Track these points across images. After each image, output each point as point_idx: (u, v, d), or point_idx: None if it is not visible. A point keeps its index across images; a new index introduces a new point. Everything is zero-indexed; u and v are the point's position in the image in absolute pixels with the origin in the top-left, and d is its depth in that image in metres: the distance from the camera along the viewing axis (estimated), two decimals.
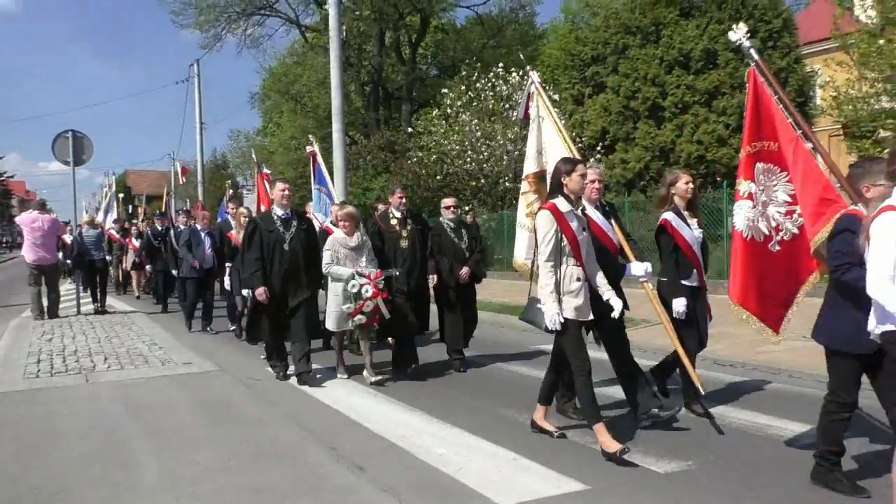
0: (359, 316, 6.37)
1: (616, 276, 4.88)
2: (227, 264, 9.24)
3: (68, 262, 13.29)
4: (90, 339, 9.31)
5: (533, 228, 5.06)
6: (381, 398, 6.05)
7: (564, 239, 4.36)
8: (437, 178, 21.12)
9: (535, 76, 6.33)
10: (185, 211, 13.33)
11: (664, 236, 5.20)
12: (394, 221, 7.19)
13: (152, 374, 7.13)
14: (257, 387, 6.60)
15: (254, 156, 12.50)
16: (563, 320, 4.31)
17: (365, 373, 6.64)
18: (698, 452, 4.35)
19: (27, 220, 11.31)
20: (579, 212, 4.54)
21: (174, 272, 11.62)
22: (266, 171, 11.53)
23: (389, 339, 7.65)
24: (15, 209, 67.85)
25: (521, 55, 11.13)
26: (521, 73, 20.87)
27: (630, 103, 20.07)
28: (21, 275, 14.13)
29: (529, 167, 6.18)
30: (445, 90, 22.16)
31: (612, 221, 5.25)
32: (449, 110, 21.62)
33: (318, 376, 6.83)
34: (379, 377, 6.57)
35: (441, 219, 7.43)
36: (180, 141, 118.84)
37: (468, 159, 20.61)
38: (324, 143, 28.15)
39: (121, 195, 20.93)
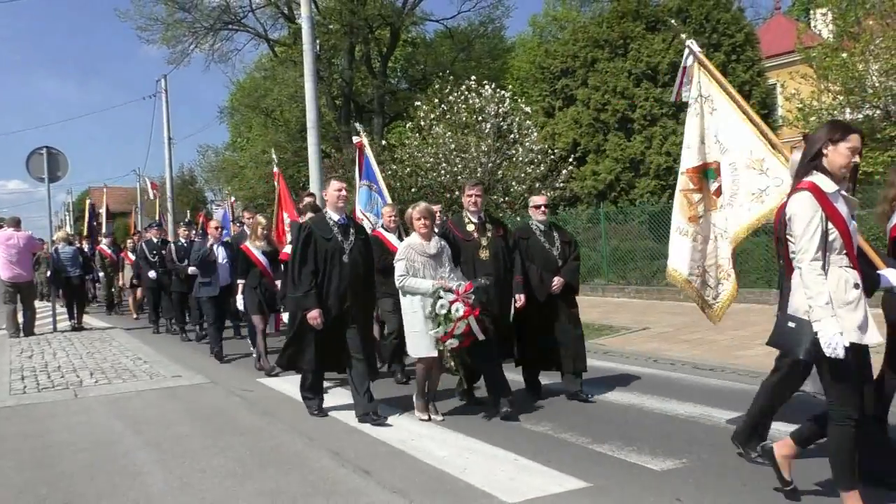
0: (450, 340, 5.18)
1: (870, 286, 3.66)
2: (239, 281, 8.17)
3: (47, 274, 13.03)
4: (71, 355, 9.24)
5: (694, 235, 5.05)
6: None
7: (834, 229, 3.29)
8: (412, 190, 21.28)
9: (694, 46, 5.25)
10: (157, 225, 13.51)
11: None
12: (470, 227, 6.00)
13: (141, 387, 7.13)
14: (250, 398, 6.64)
15: (273, 155, 11.92)
16: (847, 344, 3.18)
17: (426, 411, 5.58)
18: (691, 451, 4.53)
19: (2, 238, 11.16)
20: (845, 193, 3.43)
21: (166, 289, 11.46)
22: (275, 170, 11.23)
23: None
24: None
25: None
26: (493, 86, 21.18)
27: (600, 115, 20.50)
28: None
29: (690, 160, 5.14)
30: (418, 103, 22.36)
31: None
32: (422, 123, 21.82)
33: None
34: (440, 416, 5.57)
35: (531, 220, 6.37)
36: (147, 157, 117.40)
37: (442, 171, 20.80)
38: (296, 157, 28.27)
39: (102, 211, 20.53)
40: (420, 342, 5.39)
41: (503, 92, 20.94)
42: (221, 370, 8.12)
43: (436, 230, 5.93)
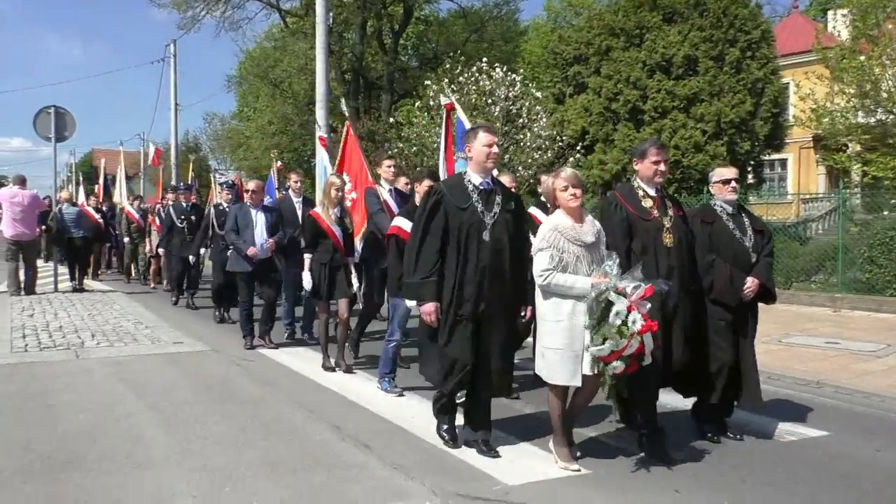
0: (616, 362, 3.78)
1: None
2: (305, 255, 6.64)
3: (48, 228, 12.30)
4: (73, 315, 9.25)
5: None
6: (373, 380, 6.12)
7: None
8: (418, 169, 21.22)
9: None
10: (187, 188, 12.12)
11: None
12: (647, 203, 4.39)
13: (143, 351, 7.15)
14: (250, 367, 6.66)
15: (343, 107, 10.34)
16: None
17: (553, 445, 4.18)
18: (692, 444, 4.55)
19: (6, 196, 11.15)
20: None
21: (192, 258, 10.43)
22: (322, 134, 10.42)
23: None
24: None
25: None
26: (504, 69, 21.03)
27: (611, 105, 20.38)
28: None
29: None
30: (428, 82, 22.23)
31: None
32: (431, 102, 21.71)
33: (299, 355, 6.91)
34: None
35: (714, 200, 4.84)
36: (153, 122, 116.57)
37: None
38: (302, 129, 28.14)
39: (114, 175, 19.40)
40: (563, 364, 3.92)
41: (514, 75, 20.81)
42: (222, 338, 8.13)
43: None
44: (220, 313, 9.51)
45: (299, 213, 7.92)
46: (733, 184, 4.70)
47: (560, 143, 20.09)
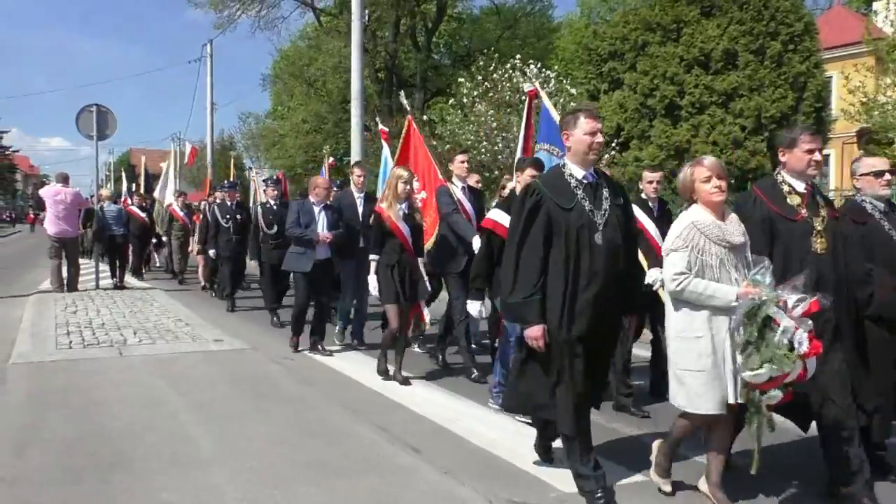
0: (774, 391, 3.21)
1: None
2: (371, 256, 6.13)
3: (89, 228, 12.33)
4: (115, 313, 9.33)
5: None
6: (418, 382, 6.05)
7: None
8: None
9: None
10: (232, 185, 11.42)
11: None
12: (794, 200, 3.69)
13: (184, 349, 7.15)
14: (290, 366, 6.62)
15: (403, 100, 9.18)
16: None
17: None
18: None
19: (50, 193, 11.30)
20: None
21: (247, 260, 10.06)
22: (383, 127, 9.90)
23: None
24: (19, 183, 67.72)
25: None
26: (538, 65, 20.84)
27: (647, 101, 20.06)
28: (27, 249, 13.82)
29: None
30: (462, 79, 22.11)
31: None
32: (465, 100, 21.59)
33: (339, 354, 6.86)
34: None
35: (860, 196, 4.12)
36: (188, 121, 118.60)
37: (483, 150, 20.60)
38: (336, 128, 28.22)
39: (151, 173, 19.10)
40: (709, 389, 3.30)
41: (548, 72, 20.61)
42: (262, 337, 8.11)
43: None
44: (278, 317, 9.13)
45: (360, 209, 7.45)
46: (887, 176, 4.02)
47: None
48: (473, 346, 6.77)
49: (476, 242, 5.80)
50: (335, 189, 8.40)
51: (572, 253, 3.41)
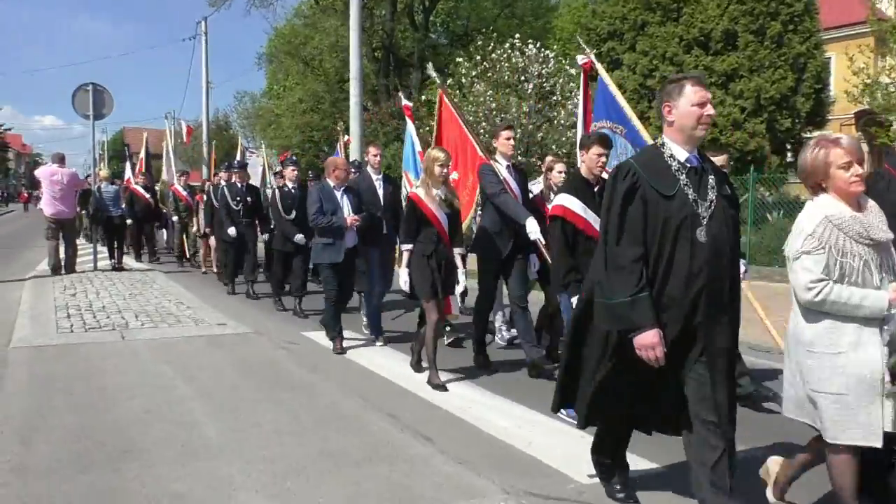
0: None
1: None
2: (404, 247, 5.56)
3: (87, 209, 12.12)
4: (114, 295, 9.25)
5: None
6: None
7: None
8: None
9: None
10: (242, 166, 10.64)
11: None
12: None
13: (187, 333, 7.09)
14: (297, 351, 6.57)
15: (432, 72, 8.33)
16: None
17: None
18: None
19: (46, 174, 11.17)
20: None
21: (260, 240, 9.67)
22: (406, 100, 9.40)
23: None
24: (11, 162, 67.12)
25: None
26: (537, 45, 20.65)
27: (646, 81, 19.96)
28: (22, 229, 13.63)
29: None
30: (460, 59, 21.91)
31: None
32: (463, 80, 21.41)
33: (350, 342, 6.82)
34: None
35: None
36: (183, 99, 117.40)
37: (481, 131, 20.44)
38: (332, 108, 27.98)
39: (141, 154, 18.47)
40: (852, 415, 2.78)
41: (547, 52, 20.42)
42: (265, 320, 8.06)
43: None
44: (282, 301, 9.01)
45: (380, 192, 6.96)
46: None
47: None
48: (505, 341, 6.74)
49: (530, 225, 5.47)
50: (353, 171, 8.06)
51: (666, 251, 2.88)
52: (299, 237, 8.34)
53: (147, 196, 14.23)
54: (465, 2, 31.06)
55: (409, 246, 5.48)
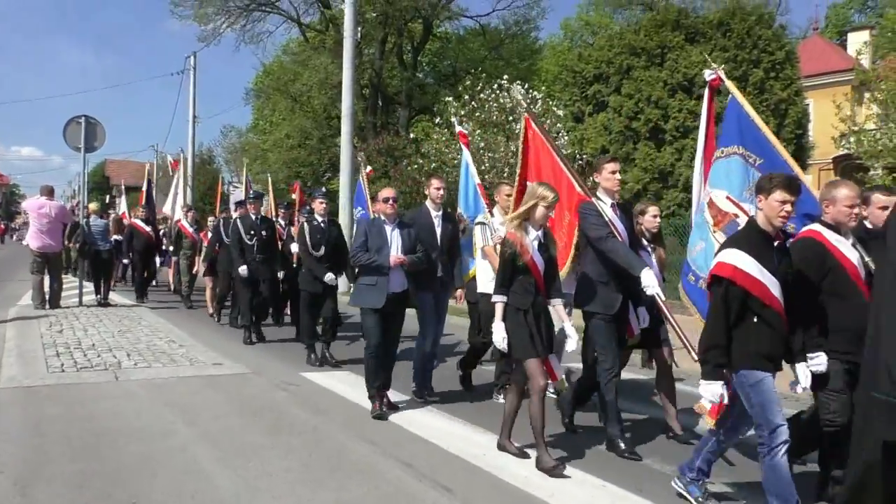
0: None
1: None
2: (496, 298, 4.69)
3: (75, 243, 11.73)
4: (103, 332, 9.02)
5: None
6: (431, 410, 5.89)
7: None
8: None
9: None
10: (256, 197, 9.68)
11: None
12: None
13: (182, 373, 6.90)
14: (297, 392, 6.41)
15: (517, 93, 6.77)
16: None
17: None
18: None
19: (34, 206, 10.97)
20: None
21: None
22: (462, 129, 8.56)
23: None
24: None
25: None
26: (524, 86, 20.95)
27: (632, 123, 20.26)
28: (3, 259, 13.25)
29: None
30: (449, 98, 22.14)
31: None
32: (452, 119, 21.59)
33: (354, 383, 6.68)
34: None
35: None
36: (168, 133, 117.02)
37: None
38: (320, 144, 28.02)
39: (147, 188, 17.67)
40: None
41: (535, 93, 20.73)
42: (261, 359, 7.88)
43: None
44: (251, 335, 8.86)
45: (438, 231, 6.23)
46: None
47: (580, 162, 19.95)
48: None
49: (647, 279, 4.68)
50: (362, 214, 7.82)
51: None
52: (329, 277, 7.72)
53: (147, 229, 13.87)
54: (452, 42, 31.53)
55: (504, 298, 4.65)
